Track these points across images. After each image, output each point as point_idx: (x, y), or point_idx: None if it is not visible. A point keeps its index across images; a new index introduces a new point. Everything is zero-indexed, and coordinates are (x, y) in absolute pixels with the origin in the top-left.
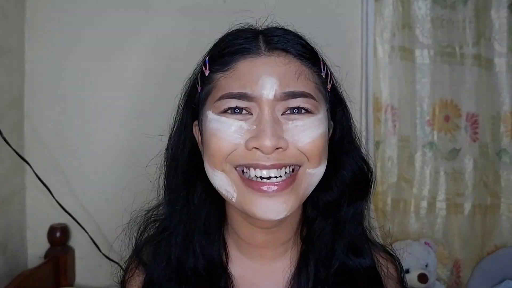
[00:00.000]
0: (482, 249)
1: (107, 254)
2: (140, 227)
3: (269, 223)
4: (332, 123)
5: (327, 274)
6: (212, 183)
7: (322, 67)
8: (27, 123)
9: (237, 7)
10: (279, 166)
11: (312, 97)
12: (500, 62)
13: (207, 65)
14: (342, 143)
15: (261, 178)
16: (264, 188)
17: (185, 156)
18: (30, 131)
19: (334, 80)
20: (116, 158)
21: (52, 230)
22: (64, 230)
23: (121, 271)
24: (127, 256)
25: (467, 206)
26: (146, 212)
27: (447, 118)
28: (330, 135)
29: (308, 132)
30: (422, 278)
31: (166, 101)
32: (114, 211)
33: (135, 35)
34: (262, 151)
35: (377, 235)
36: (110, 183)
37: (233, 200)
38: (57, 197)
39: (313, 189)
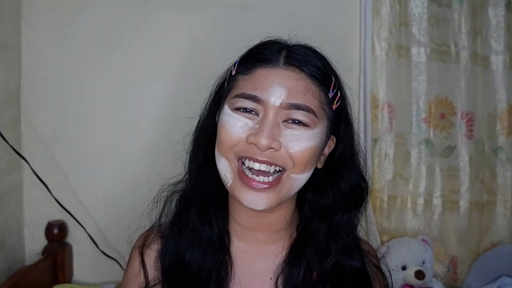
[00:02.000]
0: (478, 246)
1: (104, 251)
2: (166, 199)
3: (253, 211)
4: (334, 138)
5: (321, 269)
6: (217, 165)
7: (332, 88)
8: (24, 118)
9: (234, 3)
10: (269, 163)
11: (314, 113)
12: (496, 60)
13: (236, 66)
14: (343, 158)
15: (253, 169)
16: (254, 184)
17: (207, 139)
18: (27, 127)
19: (344, 101)
20: (114, 154)
21: (49, 227)
22: (62, 227)
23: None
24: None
25: (463, 203)
26: (171, 185)
27: (442, 116)
28: (331, 149)
29: (300, 142)
30: (419, 274)
31: (163, 95)
32: (112, 207)
33: (132, 30)
34: (257, 147)
35: (375, 233)
36: (107, 180)
37: (228, 184)
38: (54, 193)
39: (296, 191)
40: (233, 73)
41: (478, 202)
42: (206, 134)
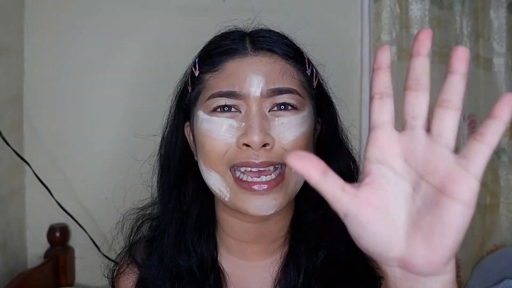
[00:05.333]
0: (481, 248)
1: (107, 254)
2: (133, 225)
3: (260, 218)
4: (319, 120)
5: (313, 265)
6: (206, 182)
7: (307, 66)
8: (26, 122)
9: (236, 7)
10: (267, 164)
11: (298, 93)
12: (499, 62)
13: (197, 66)
14: (328, 140)
15: (251, 171)
16: (255, 187)
17: (177, 156)
18: (29, 131)
19: (319, 78)
20: (116, 157)
21: (51, 230)
22: (64, 230)
23: (113, 268)
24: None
25: None
26: (139, 210)
27: None
28: (318, 133)
29: (292, 130)
30: None
31: (165, 100)
32: (114, 210)
33: (134, 34)
34: (251, 147)
35: None
36: (110, 183)
37: (226, 199)
38: (56, 196)
39: (301, 185)
40: (196, 74)
41: (481, 205)
42: (174, 151)
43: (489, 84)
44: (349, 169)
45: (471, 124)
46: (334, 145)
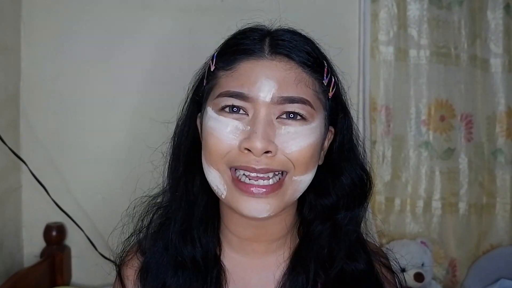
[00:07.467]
0: (478, 248)
1: (103, 253)
2: (142, 213)
3: (255, 219)
4: (333, 129)
5: (326, 277)
6: (206, 177)
7: (325, 75)
8: (23, 121)
9: (235, 7)
10: (266, 171)
11: (310, 104)
12: (496, 63)
13: (214, 60)
14: (341, 151)
15: (250, 175)
16: (253, 189)
17: (188, 145)
18: (26, 129)
19: (338, 88)
20: (113, 157)
21: (48, 229)
22: (60, 229)
23: (120, 256)
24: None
25: (463, 206)
26: (150, 198)
27: (442, 118)
28: (330, 142)
29: (298, 140)
30: (418, 277)
31: (163, 99)
32: (111, 209)
33: (132, 33)
34: (252, 153)
35: (374, 234)
36: (106, 182)
37: (223, 196)
38: (53, 195)
39: (300, 194)
40: (212, 69)
41: (477, 205)
42: (186, 140)
43: (486, 84)
44: (361, 181)
45: (468, 124)
46: (347, 156)
